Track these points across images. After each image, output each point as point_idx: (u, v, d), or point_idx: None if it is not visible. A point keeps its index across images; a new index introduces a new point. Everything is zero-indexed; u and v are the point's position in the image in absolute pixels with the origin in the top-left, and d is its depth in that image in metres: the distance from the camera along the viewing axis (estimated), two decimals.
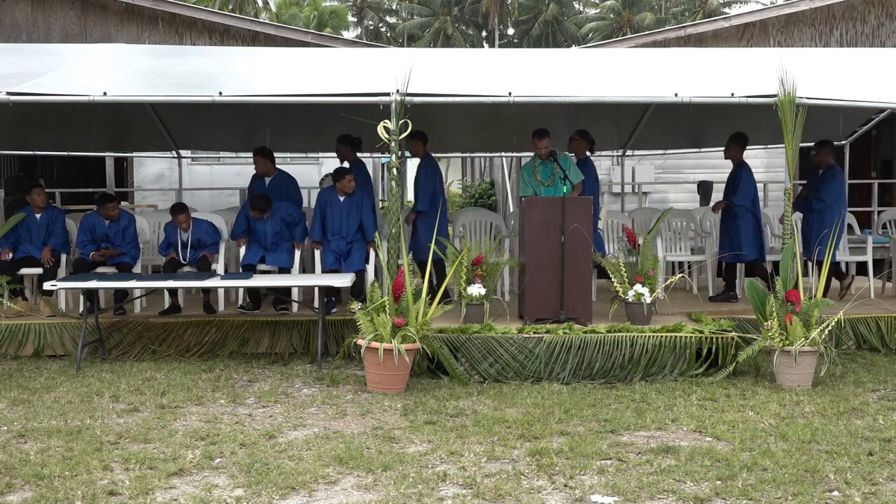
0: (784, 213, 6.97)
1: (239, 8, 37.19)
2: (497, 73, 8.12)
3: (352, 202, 8.02)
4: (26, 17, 12.19)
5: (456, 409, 5.66)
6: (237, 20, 12.96)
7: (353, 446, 4.80)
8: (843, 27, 12.35)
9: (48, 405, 5.72)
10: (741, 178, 8.41)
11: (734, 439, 4.96)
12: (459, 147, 13.51)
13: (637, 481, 4.26)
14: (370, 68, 8.21)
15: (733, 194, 8.44)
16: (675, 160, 12.61)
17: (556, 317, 6.88)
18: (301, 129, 9.04)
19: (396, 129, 6.61)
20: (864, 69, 8.57)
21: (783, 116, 6.64)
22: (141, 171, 13.40)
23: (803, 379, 6.23)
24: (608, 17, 45.97)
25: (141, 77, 7.84)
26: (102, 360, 7.23)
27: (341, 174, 8.05)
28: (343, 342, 7.08)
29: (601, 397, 6.00)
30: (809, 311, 6.36)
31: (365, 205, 8.05)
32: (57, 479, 4.26)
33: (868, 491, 4.13)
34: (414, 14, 49.96)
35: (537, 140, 7.85)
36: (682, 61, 8.87)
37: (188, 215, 8.00)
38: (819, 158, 8.60)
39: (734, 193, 8.43)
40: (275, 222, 8.11)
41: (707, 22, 12.92)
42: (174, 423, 5.31)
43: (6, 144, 10.68)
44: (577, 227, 6.87)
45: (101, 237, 7.99)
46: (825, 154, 8.57)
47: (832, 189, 8.43)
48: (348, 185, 8.01)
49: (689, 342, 6.64)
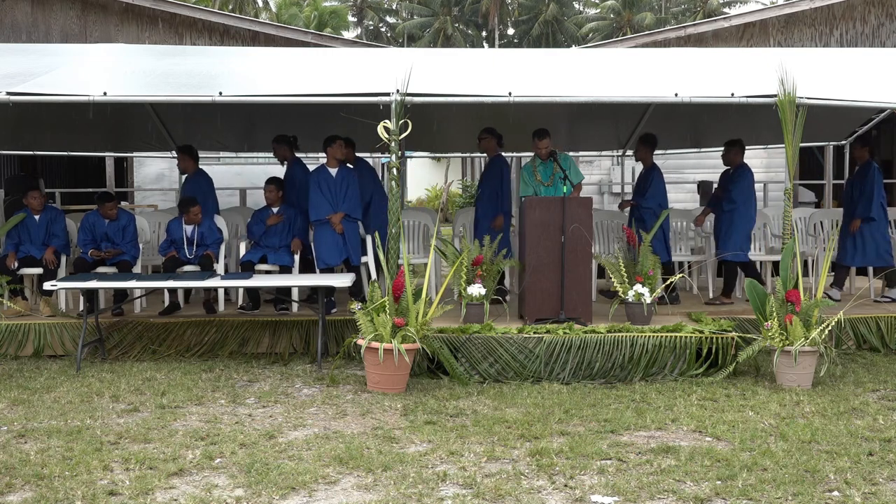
0: (784, 213, 6.97)
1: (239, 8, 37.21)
2: (497, 73, 8.12)
3: (344, 175, 7.97)
4: (26, 17, 12.18)
5: (456, 409, 5.67)
6: (237, 20, 12.96)
7: (353, 446, 4.80)
8: (843, 27, 12.35)
9: (48, 405, 5.73)
10: (652, 181, 8.54)
11: (734, 439, 4.96)
12: (459, 147, 13.49)
13: (637, 481, 4.26)
14: (370, 68, 8.21)
15: (641, 196, 8.61)
16: (675, 160, 12.60)
17: (557, 317, 6.88)
18: (301, 130, 9.03)
19: (396, 129, 6.61)
20: (864, 69, 8.56)
21: (783, 116, 6.64)
22: (141, 171, 13.39)
23: (803, 379, 6.24)
24: (608, 17, 46.00)
25: (141, 77, 7.83)
26: (102, 360, 7.23)
27: (332, 140, 8.01)
28: (343, 342, 7.08)
29: (601, 397, 6.00)
30: (809, 311, 6.36)
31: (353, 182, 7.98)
32: (57, 479, 4.26)
33: (868, 491, 4.13)
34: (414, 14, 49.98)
35: (538, 140, 7.85)
36: (682, 61, 8.86)
37: (199, 207, 8.06)
38: (728, 158, 8.59)
39: (643, 195, 8.59)
40: (283, 222, 8.15)
41: (707, 22, 12.92)
42: (174, 423, 5.32)
43: (6, 144, 10.69)
44: (577, 227, 6.87)
45: (101, 236, 8.00)
46: (735, 153, 8.55)
47: (741, 189, 8.40)
48: (339, 150, 7.97)
49: (689, 342, 6.64)
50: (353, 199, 7.89)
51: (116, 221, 8.03)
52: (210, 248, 8.00)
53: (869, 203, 8.47)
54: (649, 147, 8.65)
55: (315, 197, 7.85)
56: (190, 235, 8.02)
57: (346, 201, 7.86)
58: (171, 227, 8.11)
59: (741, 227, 8.27)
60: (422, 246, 9.28)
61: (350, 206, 7.86)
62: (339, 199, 7.89)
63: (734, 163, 8.52)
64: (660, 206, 8.46)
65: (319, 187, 7.89)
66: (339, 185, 7.90)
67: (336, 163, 7.95)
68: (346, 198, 7.87)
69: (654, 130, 10.23)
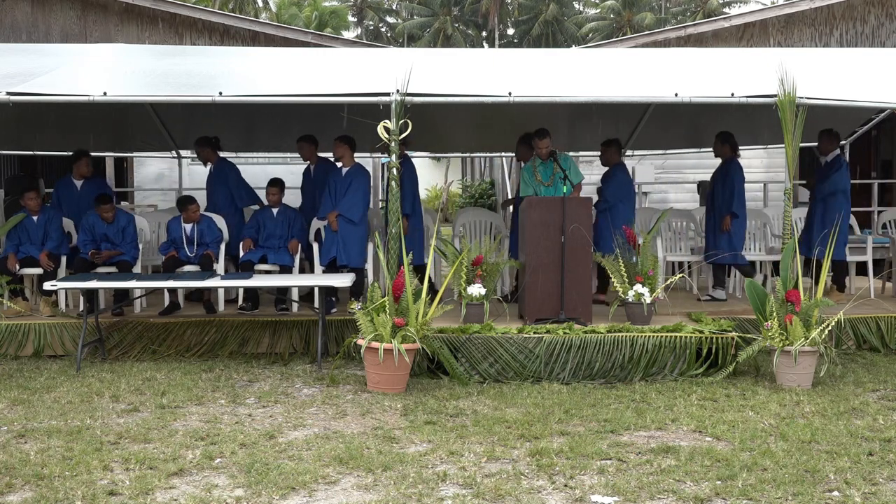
0: (784, 213, 6.97)
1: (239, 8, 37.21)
2: (497, 73, 8.12)
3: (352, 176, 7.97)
4: (26, 17, 12.18)
5: (456, 409, 5.67)
6: (237, 20, 12.95)
7: (353, 446, 4.80)
8: (843, 27, 12.35)
9: (48, 405, 5.72)
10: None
11: (734, 439, 4.96)
12: (459, 147, 13.50)
13: (637, 481, 4.26)
14: (370, 68, 8.20)
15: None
16: (675, 160, 12.62)
17: (557, 317, 6.88)
18: (301, 129, 9.03)
19: (396, 129, 6.61)
20: (864, 69, 8.56)
21: (783, 116, 6.64)
22: (141, 171, 13.39)
23: (803, 379, 6.23)
24: (608, 17, 45.99)
25: (141, 77, 7.83)
26: (102, 360, 7.23)
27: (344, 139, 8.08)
28: (343, 342, 7.08)
29: (601, 397, 6.00)
30: (809, 311, 6.36)
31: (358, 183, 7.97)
32: (57, 479, 4.26)
33: (868, 491, 4.13)
34: (414, 14, 49.98)
35: (538, 140, 7.85)
36: (682, 61, 8.86)
37: (198, 205, 8.10)
38: (605, 157, 8.62)
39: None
40: (283, 221, 8.17)
41: (707, 22, 12.92)
42: (174, 423, 5.31)
43: (6, 144, 10.68)
44: (577, 227, 6.87)
45: (101, 237, 8.00)
46: (611, 153, 8.56)
47: (614, 188, 8.43)
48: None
49: (689, 342, 6.64)
50: (352, 200, 7.88)
51: (115, 223, 8.00)
52: (210, 247, 8.00)
53: (732, 198, 8.39)
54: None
55: (324, 195, 8.08)
56: (189, 234, 8.03)
57: (345, 201, 7.87)
58: (171, 227, 8.12)
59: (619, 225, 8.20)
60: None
61: (347, 206, 7.86)
62: (339, 199, 7.90)
63: (610, 163, 8.56)
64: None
65: (328, 186, 8.02)
66: (342, 184, 7.92)
67: (350, 161, 7.97)
68: (345, 197, 7.88)
69: (653, 130, 10.26)
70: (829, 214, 8.24)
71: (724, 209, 8.41)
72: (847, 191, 8.37)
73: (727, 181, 8.43)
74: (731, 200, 8.34)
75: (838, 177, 8.34)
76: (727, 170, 8.50)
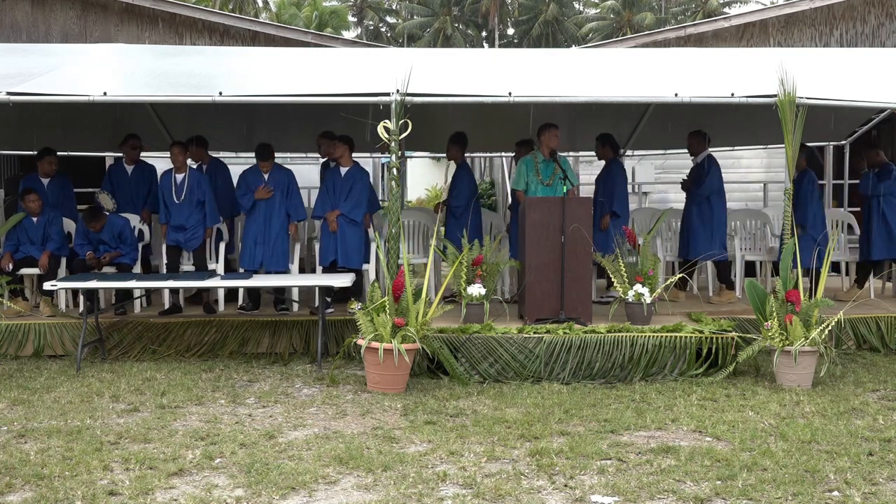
0: (784, 213, 6.97)
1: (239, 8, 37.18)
2: (497, 73, 8.12)
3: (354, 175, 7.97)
4: (26, 17, 12.18)
5: (456, 409, 5.67)
6: (237, 20, 12.95)
7: (353, 446, 4.80)
8: (843, 27, 12.35)
9: (48, 405, 5.72)
10: (458, 178, 8.80)
11: (734, 439, 4.96)
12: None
13: (637, 481, 4.26)
14: (370, 68, 8.21)
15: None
16: (675, 160, 12.59)
17: (557, 317, 6.88)
18: (301, 129, 9.03)
19: (396, 129, 6.61)
20: (864, 69, 8.56)
21: (783, 116, 6.64)
22: None
23: (803, 379, 6.24)
24: (608, 17, 45.96)
25: (141, 77, 7.84)
26: (102, 360, 7.23)
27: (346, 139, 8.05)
28: (343, 342, 7.08)
29: (601, 397, 6.00)
30: (809, 311, 6.37)
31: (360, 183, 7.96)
32: (57, 479, 4.26)
33: (868, 491, 4.13)
34: (414, 14, 49.96)
35: (550, 129, 7.83)
36: (682, 61, 8.86)
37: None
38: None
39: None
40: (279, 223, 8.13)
41: (707, 22, 12.91)
42: (174, 423, 5.31)
43: (6, 144, 10.67)
44: (577, 227, 6.88)
45: (96, 239, 7.95)
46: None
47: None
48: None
49: (689, 342, 6.64)
50: (354, 200, 7.88)
51: (109, 228, 7.90)
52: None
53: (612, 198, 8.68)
54: (459, 147, 8.79)
55: (320, 194, 8.06)
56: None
57: (347, 201, 7.86)
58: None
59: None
60: (422, 246, 9.27)
61: (349, 206, 7.85)
62: (340, 198, 7.89)
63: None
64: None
65: (325, 185, 8.00)
66: (344, 183, 7.91)
67: (349, 161, 7.96)
68: (347, 197, 7.87)
69: (653, 130, 10.26)
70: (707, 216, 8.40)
71: (605, 209, 8.70)
72: (721, 190, 8.47)
73: (608, 181, 8.77)
74: (612, 200, 8.68)
75: (710, 180, 8.40)
76: (609, 170, 8.86)
